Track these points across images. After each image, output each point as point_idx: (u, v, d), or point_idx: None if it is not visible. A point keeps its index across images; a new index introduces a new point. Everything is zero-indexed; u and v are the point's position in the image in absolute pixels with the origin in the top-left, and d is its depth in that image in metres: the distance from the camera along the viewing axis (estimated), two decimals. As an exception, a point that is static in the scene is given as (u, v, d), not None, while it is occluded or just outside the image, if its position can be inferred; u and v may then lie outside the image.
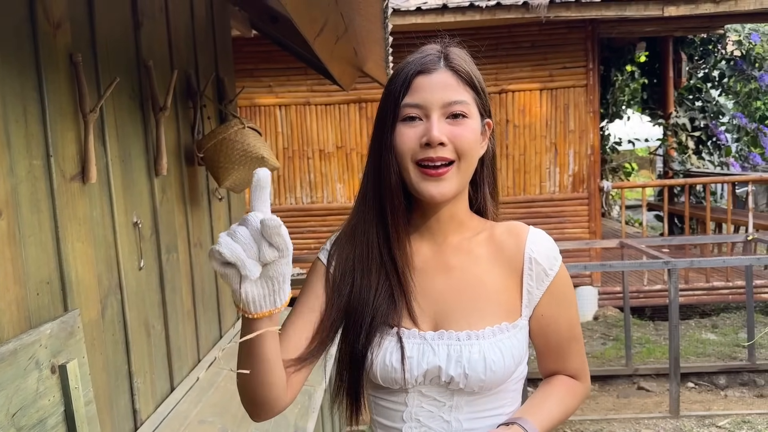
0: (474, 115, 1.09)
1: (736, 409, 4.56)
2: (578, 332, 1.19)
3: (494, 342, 1.07)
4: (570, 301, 1.17)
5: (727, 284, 6.47)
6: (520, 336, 1.10)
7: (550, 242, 1.15)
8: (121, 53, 1.96)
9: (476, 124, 1.09)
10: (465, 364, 1.05)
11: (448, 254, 1.13)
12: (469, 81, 1.09)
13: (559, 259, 1.15)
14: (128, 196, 1.95)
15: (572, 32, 6.36)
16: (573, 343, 1.18)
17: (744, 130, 9.39)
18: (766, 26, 10.44)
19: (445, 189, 1.06)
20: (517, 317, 1.11)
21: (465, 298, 1.10)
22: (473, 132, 1.08)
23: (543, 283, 1.12)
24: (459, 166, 1.06)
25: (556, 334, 1.15)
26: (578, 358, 1.19)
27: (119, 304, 1.87)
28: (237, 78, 3.91)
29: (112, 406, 1.79)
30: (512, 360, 1.08)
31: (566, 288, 1.15)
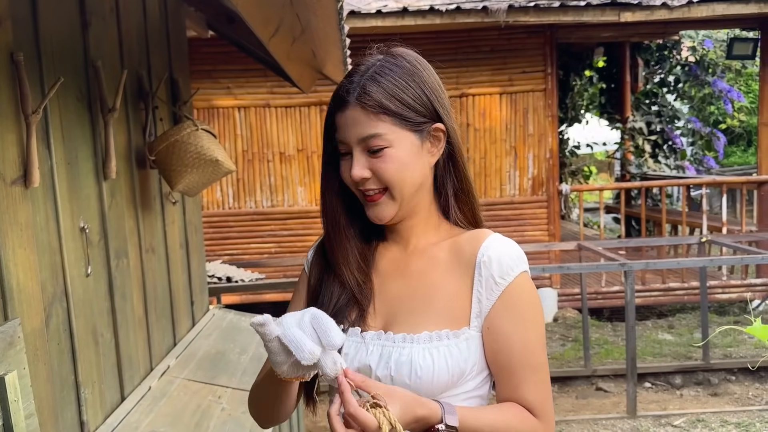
0: (396, 140, 1.05)
1: (691, 408, 4.65)
2: (538, 360, 1.06)
3: (427, 347, 1.04)
4: (527, 320, 1.05)
5: (682, 285, 6.61)
6: (464, 347, 1.05)
7: (509, 249, 1.07)
8: (67, 53, 1.90)
9: (401, 149, 1.05)
10: (392, 366, 1.04)
11: (411, 259, 1.13)
12: (383, 109, 1.04)
13: (516, 269, 1.06)
14: (74, 200, 1.89)
15: (531, 37, 6.43)
16: (529, 372, 1.05)
17: (698, 134, 9.62)
18: (720, 33, 10.73)
19: (382, 213, 1.08)
20: (463, 326, 1.06)
21: (416, 301, 1.10)
22: (395, 160, 1.05)
23: (493, 292, 1.05)
24: (391, 194, 1.07)
25: (506, 354, 1.05)
26: (535, 391, 1.05)
27: (65, 313, 1.80)
28: (194, 79, 3.84)
29: (57, 418, 1.73)
30: (446, 369, 1.03)
31: (523, 303, 1.06)
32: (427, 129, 1.08)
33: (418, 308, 1.09)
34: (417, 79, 1.08)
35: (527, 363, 1.05)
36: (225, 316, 3.34)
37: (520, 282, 1.05)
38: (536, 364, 1.06)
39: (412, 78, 1.08)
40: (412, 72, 1.08)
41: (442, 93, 1.10)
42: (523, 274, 1.06)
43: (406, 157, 1.06)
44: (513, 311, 1.05)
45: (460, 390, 1.06)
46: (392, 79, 1.06)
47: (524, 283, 1.06)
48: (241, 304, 5.60)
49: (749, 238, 6.41)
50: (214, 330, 3.05)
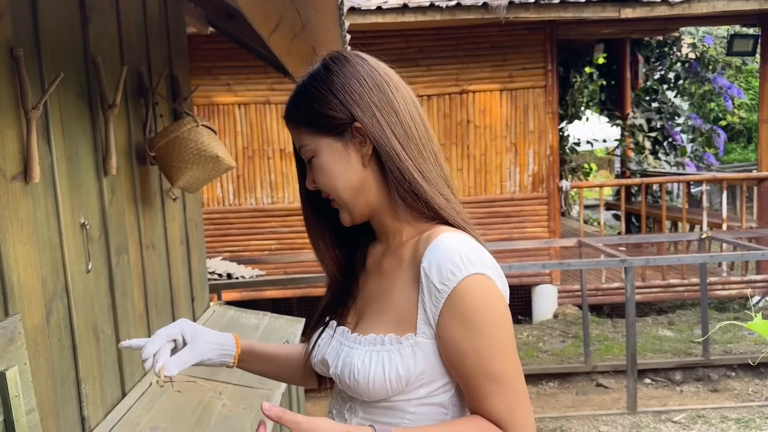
0: (319, 149, 1.06)
1: (691, 404, 4.66)
2: (498, 371, 0.98)
3: (368, 351, 1.04)
4: (477, 327, 0.97)
5: (682, 281, 6.62)
6: (407, 353, 1.01)
7: (452, 253, 0.98)
8: (67, 49, 1.90)
9: (325, 156, 1.06)
10: (339, 365, 1.06)
11: (387, 257, 1.12)
12: (298, 122, 1.08)
13: (459, 274, 0.97)
14: (75, 196, 1.89)
15: (531, 34, 6.42)
16: (488, 383, 0.98)
17: (699, 131, 9.62)
18: (720, 29, 10.72)
19: (343, 219, 1.11)
20: (408, 332, 1.02)
21: (377, 302, 1.10)
22: (322, 169, 1.07)
23: (437, 300, 0.99)
24: (335, 200, 1.10)
25: (460, 365, 1.00)
26: (499, 403, 0.98)
27: (65, 309, 1.80)
28: (194, 76, 3.83)
29: (58, 413, 1.73)
30: (382, 374, 1.01)
31: (471, 309, 0.97)
32: (348, 130, 1.05)
33: (376, 309, 1.09)
34: (327, 84, 1.05)
35: (483, 373, 0.98)
36: (225, 312, 3.35)
37: (466, 287, 0.97)
38: (495, 374, 0.98)
39: (323, 83, 1.06)
40: (322, 78, 1.06)
41: (365, 91, 1.05)
42: (470, 278, 0.97)
43: (331, 163, 1.06)
44: (460, 319, 0.97)
45: (412, 396, 1.03)
46: (304, 89, 1.08)
47: (472, 288, 0.97)
48: (241, 301, 5.61)
49: (749, 235, 6.41)
50: (215, 326, 3.05)
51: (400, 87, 1.09)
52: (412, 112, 1.08)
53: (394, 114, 1.05)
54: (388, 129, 1.04)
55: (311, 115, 1.06)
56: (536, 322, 6.63)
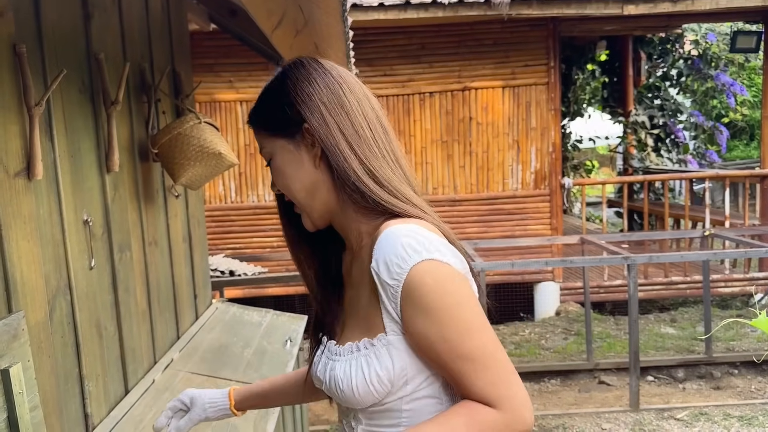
0: (275, 150, 1.10)
1: (694, 401, 4.65)
2: (470, 350, 0.97)
3: (347, 360, 1.05)
4: (441, 313, 0.96)
5: (685, 279, 6.61)
6: (382, 354, 1.01)
7: (394, 245, 0.98)
8: (69, 45, 1.89)
9: (280, 158, 1.10)
10: (326, 379, 1.09)
11: (354, 263, 1.13)
12: (255, 125, 1.12)
13: (406, 265, 0.97)
14: (78, 193, 1.88)
15: (534, 30, 6.41)
16: (462, 363, 0.97)
17: (701, 128, 9.60)
18: (723, 26, 10.69)
19: (305, 223, 1.14)
20: (379, 333, 1.02)
21: (351, 310, 1.12)
22: (279, 171, 1.10)
23: (393, 296, 0.99)
24: (294, 201, 1.12)
25: (432, 354, 0.99)
26: (479, 381, 0.96)
27: (68, 305, 1.80)
28: (196, 73, 3.83)
29: (61, 410, 1.73)
30: (363, 380, 1.01)
31: (426, 296, 0.96)
32: (298, 132, 1.07)
33: (351, 318, 1.11)
34: (280, 88, 1.09)
35: (456, 356, 0.97)
36: (228, 309, 3.34)
37: (416, 275, 0.96)
38: (467, 354, 0.96)
39: (277, 87, 1.10)
40: (278, 82, 1.10)
41: (315, 93, 1.06)
42: (417, 267, 0.96)
43: (285, 165, 1.09)
44: (418, 309, 0.97)
45: (401, 394, 1.03)
46: (262, 94, 1.13)
47: (422, 275, 0.96)
48: (243, 298, 5.61)
49: (752, 232, 6.40)
50: (218, 323, 3.05)
51: (354, 89, 1.09)
52: (367, 114, 1.08)
53: (344, 114, 1.05)
54: (336, 129, 1.05)
55: (266, 118, 1.10)
56: (538, 319, 6.62)
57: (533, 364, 5.23)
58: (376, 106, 1.11)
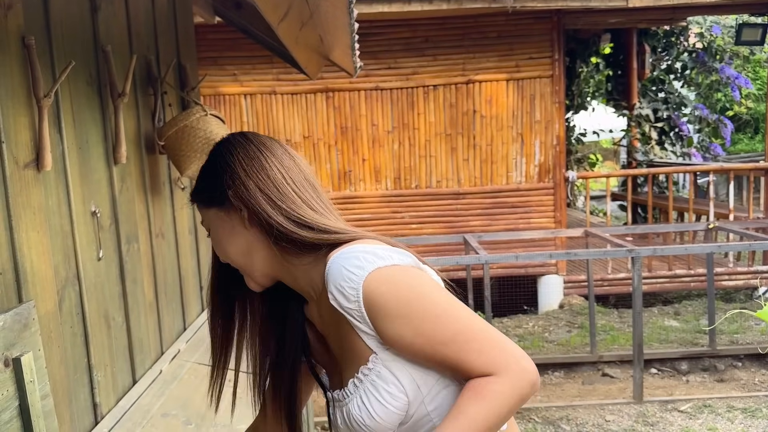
0: (211, 220, 1.16)
1: (697, 393, 4.66)
2: (448, 333, 0.98)
3: (356, 396, 1.07)
4: (405, 313, 0.99)
5: (689, 272, 6.61)
6: (383, 372, 1.04)
7: (338, 272, 1.02)
8: (77, 37, 1.90)
9: (215, 227, 1.16)
10: (348, 425, 1.09)
11: (321, 312, 1.14)
12: (196, 199, 1.18)
13: (357, 285, 1.00)
14: (86, 184, 1.90)
15: (538, 23, 6.39)
16: (446, 348, 0.99)
17: (705, 121, 9.57)
18: (727, 19, 10.64)
19: (249, 284, 1.18)
20: (369, 354, 1.05)
21: (340, 353, 1.14)
22: (215, 239, 1.17)
23: (361, 318, 1.02)
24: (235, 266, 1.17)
25: (417, 352, 1.01)
26: (470, 356, 0.98)
27: (77, 296, 1.82)
28: (201, 66, 3.83)
29: (71, 400, 1.75)
30: (380, 404, 1.03)
31: (389, 304, 0.99)
32: (227, 199, 1.13)
33: (343, 361, 1.12)
34: (208, 164, 1.17)
35: (439, 345, 0.98)
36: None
37: (368, 290, 1.00)
38: (448, 337, 0.98)
39: (206, 164, 1.18)
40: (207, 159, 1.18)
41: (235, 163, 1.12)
42: (367, 280, 1.00)
43: (220, 231, 1.16)
44: (385, 318, 1.00)
45: (421, 398, 1.05)
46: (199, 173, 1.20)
47: (374, 287, 1.00)
48: (248, 291, 5.61)
49: (756, 225, 6.40)
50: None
51: (276, 152, 1.15)
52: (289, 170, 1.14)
53: (264, 175, 1.11)
54: (256, 190, 1.11)
55: (200, 192, 1.18)
56: (542, 312, 6.63)
57: (537, 357, 5.24)
58: (302, 164, 1.17)
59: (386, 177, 6.50)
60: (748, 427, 4.05)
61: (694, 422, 4.16)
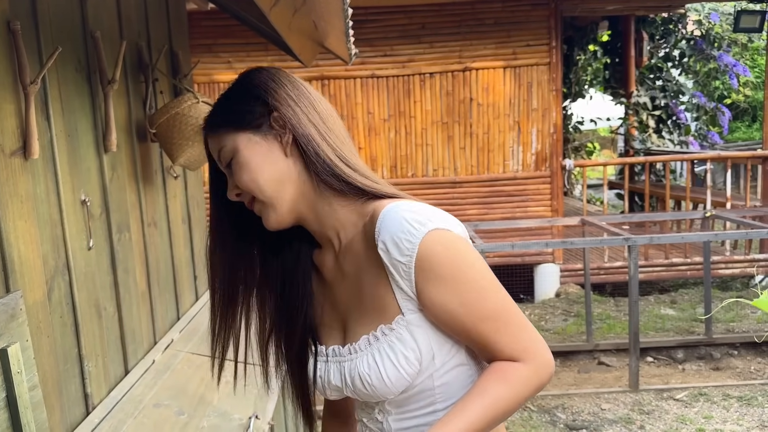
0: (239, 145, 1.05)
1: (693, 382, 4.67)
2: (490, 310, 0.99)
3: (368, 353, 1.03)
4: (455, 279, 0.98)
5: (685, 260, 6.61)
6: (404, 335, 1.01)
7: (398, 221, 0.98)
8: (65, 23, 1.87)
9: (246, 153, 1.05)
10: (348, 381, 1.05)
11: (342, 259, 1.10)
12: (216, 125, 1.08)
13: (415, 239, 0.97)
14: (75, 173, 1.87)
15: (535, 9, 6.35)
16: (485, 324, 0.99)
17: (703, 109, 9.55)
18: (726, 6, 10.58)
19: (267, 221, 1.07)
20: (395, 315, 1.02)
21: (355, 305, 1.08)
22: (244, 167, 1.05)
23: (406, 273, 0.99)
24: (260, 199, 1.06)
25: (455, 321, 1.00)
26: (504, 338, 0.99)
27: (67, 286, 1.79)
28: (194, 53, 3.79)
29: (61, 390, 1.73)
30: (393, 367, 1.01)
31: (442, 266, 0.97)
32: (266, 123, 1.05)
33: (357, 312, 1.08)
34: (241, 84, 1.09)
35: (479, 319, 0.98)
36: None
37: (426, 247, 0.97)
38: (488, 314, 0.98)
39: (237, 85, 1.10)
40: (239, 83, 1.10)
41: (280, 87, 1.07)
42: (426, 237, 0.97)
43: (252, 157, 1.05)
44: (436, 280, 0.98)
45: (431, 370, 1.03)
46: (222, 96, 1.11)
47: (432, 245, 0.97)
48: (243, 280, 5.60)
49: (753, 213, 6.38)
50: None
51: (311, 90, 1.11)
52: (328, 108, 1.10)
53: (310, 106, 1.07)
54: (305, 117, 1.05)
55: (229, 114, 1.07)
56: (538, 300, 6.64)
57: (533, 345, 5.24)
58: (330, 107, 1.13)
59: (382, 165, 6.47)
60: (744, 416, 4.06)
61: (690, 410, 4.17)
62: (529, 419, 4.18)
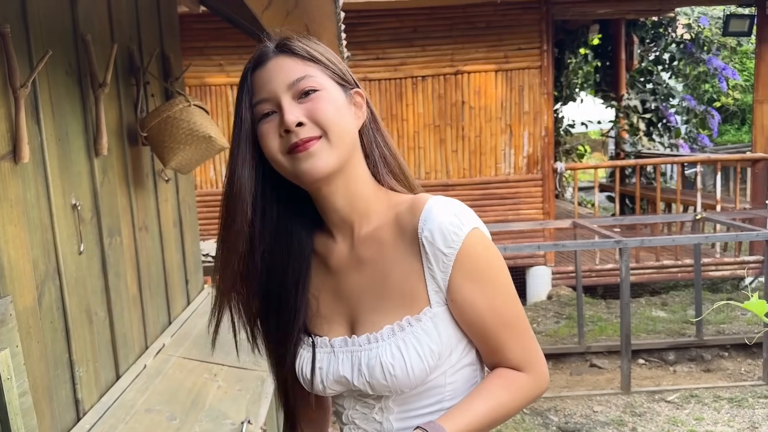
0: (327, 86, 1.00)
1: (685, 383, 4.68)
2: (511, 317, 1.02)
3: (392, 343, 1.00)
4: (489, 281, 1.00)
5: (676, 263, 6.63)
6: (430, 327, 1.00)
7: (448, 215, 0.99)
8: (55, 26, 1.86)
9: (334, 94, 1.00)
10: (365, 371, 1.01)
11: (360, 247, 1.06)
12: (309, 56, 1.01)
13: (461, 233, 0.98)
14: (66, 177, 1.86)
15: (526, 13, 6.37)
16: (504, 330, 1.02)
17: (693, 112, 9.59)
18: (715, 10, 10.66)
19: (318, 163, 0.98)
20: (423, 307, 1.01)
21: (374, 294, 1.05)
22: (330, 102, 0.99)
23: (445, 265, 0.99)
24: (329, 139, 0.98)
25: (478, 321, 1.01)
26: (516, 346, 1.02)
27: (58, 291, 1.78)
28: (186, 56, 3.78)
29: (51, 396, 1.72)
30: (419, 357, 0.99)
31: (479, 265, 1.00)
32: (349, 91, 1.04)
33: (375, 302, 1.04)
34: (330, 49, 1.07)
35: (500, 324, 1.01)
36: (220, 294, 3.32)
37: (470, 244, 0.98)
38: (510, 321, 1.02)
39: (326, 46, 1.07)
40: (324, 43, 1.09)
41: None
42: (471, 234, 0.98)
43: (341, 102, 1.01)
44: (471, 278, 0.99)
45: (445, 366, 1.03)
46: (310, 40, 1.05)
47: (475, 243, 0.99)
48: (235, 283, 5.58)
49: (743, 216, 6.42)
50: (209, 309, 3.03)
51: None
52: None
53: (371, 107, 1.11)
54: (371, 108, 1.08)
55: (325, 58, 1.03)
56: (530, 303, 6.64)
57: (525, 348, 5.24)
58: None
59: (374, 168, 6.46)
60: (734, 417, 4.08)
61: (681, 412, 4.18)
62: (522, 422, 4.18)
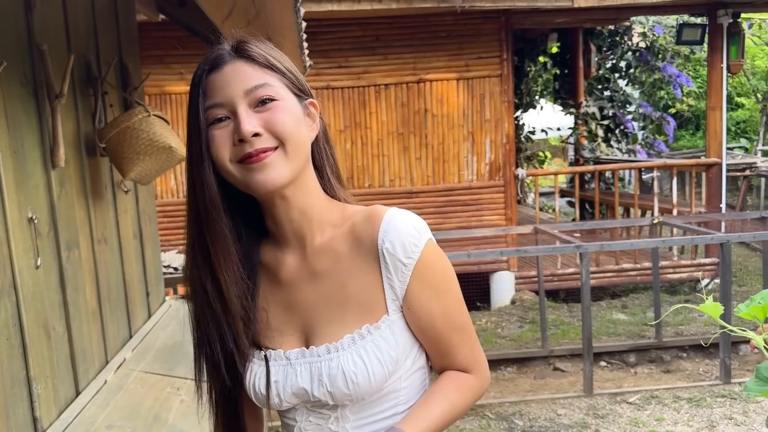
0: (285, 96, 0.99)
1: (645, 385, 4.78)
2: (461, 322, 1.07)
3: (353, 351, 1.01)
4: (443, 289, 1.05)
5: (635, 266, 6.77)
6: (388, 335, 1.02)
7: (407, 226, 1.01)
8: (10, 36, 1.82)
9: (291, 104, 1.00)
10: (326, 381, 1.01)
11: (314, 258, 1.05)
12: (267, 63, 0.99)
13: (420, 244, 1.01)
14: (22, 190, 1.82)
15: (487, 23, 6.45)
16: (455, 335, 1.06)
17: (649, 119, 9.82)
18: (669, 19, 10.94)
19: (273, 174, 0.97)
20: (381, 315, 1.02)
21: (331, 305, 1.05)
22: (288, 112, 0.98)
23: (404, 274, 1.01)
24: (285, 150, 0.97)
25: (432, 327, 1.05)
26: (465, 349, 1.08)
27: (14, 306, 1.74)
28: (146, 65, 3.73)
29: (8, 415, 1.67)
30: (380, 364, 1.00)
31: (435, 274, 1.04)
32: (304, 101, 1.04)
33: (333, 313, 1.04)
34: (289, 58, 1.07)
35: (452, 329, 1.06)
36: (182, 306, 3.28)
37: (428, 254, 1.02)
38: (459, 325, 1.07)
39: (284, 54, 1.06)
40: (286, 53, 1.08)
41: None
42: (427, 245, 1.02)
43: (297, 113, 1.00)
44: (428, 286, 1.03)
45: (401, 371, 1.04)
46: (267, 45, 1.03)
47: (432, 254, 1.03)
48: (198, 294, 5.51)
49: (698, 219, 6.59)
50: (171, 321, 2.99)
51: None
52: None
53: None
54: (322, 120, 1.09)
55: (282, 66, 1.01)
56: (494, 308, 6.71)
57: (490, 353, 5.29)
58: None
59: (338, 176, 6.46)
60: (693, 417, 4.17)
61: (642, 413, 4.27)
62: (488, 427, 4.21)
